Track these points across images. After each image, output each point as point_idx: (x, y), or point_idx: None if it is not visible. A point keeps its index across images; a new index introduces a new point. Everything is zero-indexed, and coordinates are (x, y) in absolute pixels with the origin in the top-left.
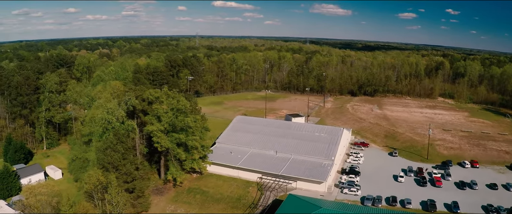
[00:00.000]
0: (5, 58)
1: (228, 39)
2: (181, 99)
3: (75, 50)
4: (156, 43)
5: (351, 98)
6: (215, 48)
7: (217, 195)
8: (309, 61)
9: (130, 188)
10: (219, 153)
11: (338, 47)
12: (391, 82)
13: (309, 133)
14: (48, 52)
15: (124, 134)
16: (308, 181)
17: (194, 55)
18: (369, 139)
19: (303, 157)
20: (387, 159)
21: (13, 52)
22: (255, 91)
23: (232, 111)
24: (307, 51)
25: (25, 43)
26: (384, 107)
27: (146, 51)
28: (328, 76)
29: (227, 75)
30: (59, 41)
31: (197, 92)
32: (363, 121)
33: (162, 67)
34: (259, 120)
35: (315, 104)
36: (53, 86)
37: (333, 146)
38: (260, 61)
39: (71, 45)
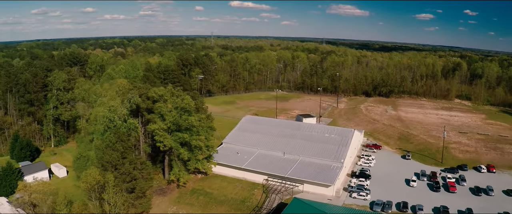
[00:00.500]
0: (18, 56)
1: (244, 39)
2: (185, 98)
3: (90, 49)
4: (171, 42)
5: (365, 99)
6: (230, 47)
7: (221, 197)
8: (324, 61)
9: (129, 188)
10: (225, 154)
11: (354, 48)
12: (407, 83)
13: (318, 134)
14: (63, 50)
15: (125, 132)
16: (315, 184)
17: (206, 54)
18: (382, 141)
19: (311, 159)
20: (400, 162)
21: (27, 51)
22: (268, 91)
23: (243, 110)
24: (322, 51)
25: (42, 42)
26: (398, 108)
27: (161, 50)
28: (342, 76)
29: (240, 75)
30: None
31: (209, 92)
32: (376, 122)
33: (173, 66)
34: (267, 120)
35: (328, 104)
36: (61, 84)
37: (343, 148)
38: (273, 60)
39: (87, 44)
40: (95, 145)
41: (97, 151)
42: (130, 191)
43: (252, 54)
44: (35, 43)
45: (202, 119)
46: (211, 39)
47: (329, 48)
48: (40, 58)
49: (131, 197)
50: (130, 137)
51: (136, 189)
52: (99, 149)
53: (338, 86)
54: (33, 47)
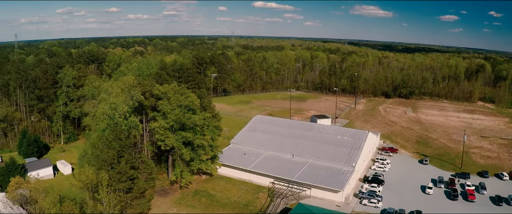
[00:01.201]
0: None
1: (266, 40)
2: (190, 96)
3: (111, 47)
4: (192, 41)
5: (384, 100)
6: (251, 47)
7: (224, 200)
8: (344, 62)
9: (126, 188)
10: (232, 154)
11: (377, 49)
12: (428, 85)
13: (330, 136)
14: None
15: (123, 130)
16: (323, 189)
17: (223, 53)
18: (399, 144)
19: (321, 162)
20: (416, 167)
21: (46, 49)
22: (286, 91)
23: (257, 110)
24: (344, 51)
25: (65, 40)
26: (418, 110)
27: (180, 49)
28: (361, 77)
29: (257, 74)
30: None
31: (225, 91)
32: (394, 124)
33: (188, 64)
34: (278, 120)
35: (346, 105)
36: (71, 80)
37: (355, 151)
38: (291, 60)
39: (108, 42)
40: (91, 143)
41: (93, 148)
42: (127, 191)
43: (270, 54)
44: (57, 41)
45: (206, 118)
46: (232, 39)
47: (351, 49)
48: (58, 56)
49: (128, 197)
50: (130, 135)
51: (133, 189)
52: (95, 146)
53: (357, 87)
54: (54, 46)
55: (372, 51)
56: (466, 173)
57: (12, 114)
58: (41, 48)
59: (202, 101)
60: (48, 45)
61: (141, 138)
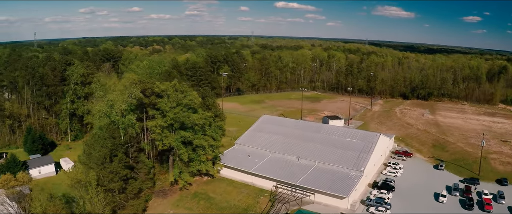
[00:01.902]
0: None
1: (287, 40)
2: (190, 94)
3: (130, 46)
4: (211, 41)
5: (402, 101)
6: (269, 47)
7: (223, 203)
8: (363, 62)
9: (117, 188)
10: (236, 155)
11: (399, 50)
12: (447, 86)
13: (339, 138)
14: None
15: (116, 128)
16: (328, 195)
17: (237, 51)
18: (414, 148)
19: (328, 166)
20: (431, 173)
21: (62, 47)
22: (301, 91)
23: (269, 110)
24: (363, 52)
25: (85, 39)
26: (436, 112)
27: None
28: (379, 77)
29: (272, 73)
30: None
31: (239, 90)
32: (410, 126)
33: (201, 63)
34: (286, 121)
35: (362, 106)
36: (79, 78)
37: (365, 155)
38: (307, 59)
39: (127, 41)
40: (84, 141)
41: (85, 147)
42: (120, 191)
43: (285, 53)
44: (77, 40)
45: (207, 117)
46: (251, 39)
47: (371, 49)
48: (73, 54)
49: (121, 198)
50: (127, 133)
51: (127, 190)
52: (88, 144)
53: (374, 88)
54: (74, 44)
55: (392, 51)
56: (476, 179)
57: (18, 111)
58: (60, 47)
59: (206, 100)
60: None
61: (138, 137)
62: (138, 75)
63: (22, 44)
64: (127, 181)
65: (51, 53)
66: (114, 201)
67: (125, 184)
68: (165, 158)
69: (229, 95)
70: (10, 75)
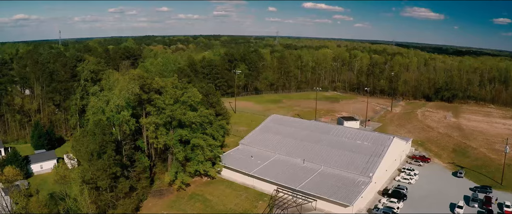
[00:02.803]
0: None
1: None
2: (189, 90)
3: (153, 45)
4: (235, 40)
5: (425, 103)
6: (293, 47)
7: (219, 206)
8: (387, 63)
9: (103, 186)
10: (238, 156)
11: (426, 51)
12: (473, 87)
13: (349, 140)
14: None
15: (107, 125)
16: (331, 202)
17: (255, 50)
18: (433, 153)
19: (334, 170)
20: (449, 180)
21: (84, 45)
22: (322, 91)
23: (286, 110)
24: (388, 52)
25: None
26: (460, 115)
27: (218, 47)
28: (401, 78)
29: (291, 73)
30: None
31: (256, 89)
32: (431, 130)
33: (218, 61)
34: (295, 121)
35: (382, 108)
36: (88, 74)
37: (375, 159)
38: (328, 59)
39: (152, 40)
40: (74, 137)
41: (74, 142)
42: (110, 190)
43: (305, 52)
44: (103, 39)
45: (207, 115)
46: (276, 39)
47: (397, 50)
48: (93, 51)
49: (110, 196)
50: (121, 130)
51: (117, 188)
52: (76, 140)
53: (396, 89)
54: (99, 43)
55: (419, 53)
56: (487, 186)
57: (28, 106)
58: (81, 44)
59: (209, 98)
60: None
61: (134, 134)
62: (150, 72)
63: (46, 42)
64: (117, 179)
65: (69, 50)
66: (102, 199)
67: (115, 182)
68: (166, 156)
69: (247, 95)
70: (21, 71)
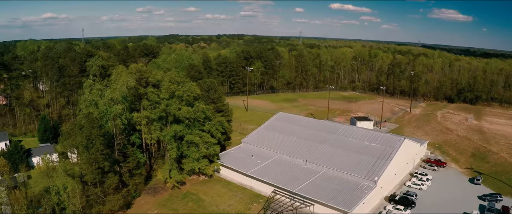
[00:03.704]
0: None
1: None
2: (186, 85)
3: (176, 43)
4: (258, 39)
5: (446, 104)
6: (316, 47)
7: (212, 207)
8: (410, 63)
9: (89, 181)
10: (239, 155)
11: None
12: (497, 89)
13: (356, 141)
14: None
15: (95, 118)
16: (329, 207)
17: (272, 47)
18: (450, 157)
19: (337, 172)
20: (465, 187)
21: (103, 42)
22: (340, 91)
23: (299, 109)
24: (413, 53)
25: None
26: (483, 117)
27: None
28: (423, 78)
29: (309, 71)
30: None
31: (272, 88)
32: (450, 132)
33: (233, 58)
34: (302, 120)
35: (401, 108)
36: (97, 70)
37: (382, 162)
38: (347, 58)
39: (175, 39)
40: (62, 130)
41: (60, 137)
42: (98, 185)
43: (324, 50)
44: (127, 38)
45: (204, 111)
46: (300, 39)
47: (422, 51)
48: (112, 48)
49: (97, 191)
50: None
51: (105, 184)
52: (64, 133)
53: (417, 89)
54: (123, 41)
55: (445, 54)
56: (497, 194)
57: (36, 100)
58: (100, 42)
59: (210, 94)
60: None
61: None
62: (162, 68)
63: (68, 40)
64: (104, 175)
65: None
66: (89, 194)
67: (104, 177)
68: (162, 152)
69: (262, 93)
70: (31, 65)
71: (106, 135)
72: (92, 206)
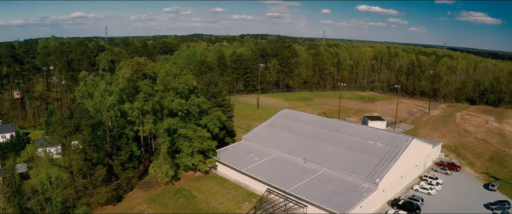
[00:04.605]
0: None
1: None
2: (182, 77)
3: (198, 42)
4: (282, 39)
5: (468, 106)
6: (334, 45)
7: (202, 204)
8: (434, 64)
9: (75, 172)
10: (237, 152)
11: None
12: None
13: (360, 140)
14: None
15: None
16: (323, 209)
17: (289, 45)
18: (466, 160)
19: (336, 173)
20: (478, 193)
21: (123, 40)
22: (358, 91)
23: (313, 108)
24: (438, 55)
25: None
26: (505, 120)
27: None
28: (443, 79)
29: (326, 70)
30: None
31: (288, 87)
32: (468, 135)
33: (248, 55)
34: (306, 117)
35: (420, 109)
36: (107, 64)
37: (385, 163)
38: (366, 57)
39: (198, 38)
40: (52, 119)
41: (46, 126)
42: (85, 176)
43: (342, 49)
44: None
45: (199, 104)
46: (324, 40)
47: (447, 53)
48: (130, 45)
49: (84, 183)
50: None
51: (93, 176)
52: (53, 123)
53: (438, 90)
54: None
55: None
56: (506, 201)
57: (46, 93)
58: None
59: (210, 88)
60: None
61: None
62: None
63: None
64: (93, 167)
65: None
66: (76, 185)
67: (92, 168)
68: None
69: (278, 92)
70: (44, 59)
71: (96, 126)
72: (80, 197)
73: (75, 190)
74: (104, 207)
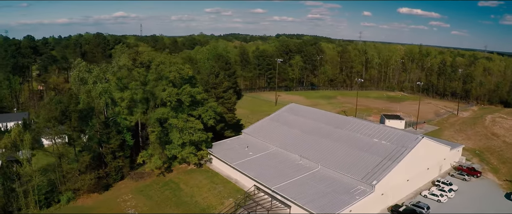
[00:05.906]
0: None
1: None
2: (176, 66)
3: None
4: (318, 40)
5: (501, 109)
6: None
7: (186, 198)
8: (472, 65)
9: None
10: (232, 145)
11: None
12: None
13: (365, 137)
14: None
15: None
16: (306, 211)
17: (315, 43)
18: (490, 165)
19: (331, 171)
20: (497, 203)
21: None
22: (386, 91)
23: (333, 106)
24: (476, 57)
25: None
26: None
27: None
28: (476, 79)
29: (354, 69)
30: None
31: (312, 85)
32: (495, 138)
33: (271, 51)
34: (311, 111)
35: (448, 111)
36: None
37: (387, 163)
38: (396, 56)
39: (232, 37)
40: (41, 104)
41: (36, 109)
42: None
43: (370, 46)
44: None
45: (190, 93)
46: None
47: (486, 55)
48: (159, 42)
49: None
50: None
51: (80, 161)
52: (41, 107)
53: (470, 91)
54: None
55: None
56: None
57: (61, 85)
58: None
59: (210, 78)
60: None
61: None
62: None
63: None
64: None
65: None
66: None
67: (77, 155)
68: None
69: (302, 90)
70: (62, 51)
71: (85, 112)
72: (65, 183)
73: (61, 175)
74: (90, 195)
